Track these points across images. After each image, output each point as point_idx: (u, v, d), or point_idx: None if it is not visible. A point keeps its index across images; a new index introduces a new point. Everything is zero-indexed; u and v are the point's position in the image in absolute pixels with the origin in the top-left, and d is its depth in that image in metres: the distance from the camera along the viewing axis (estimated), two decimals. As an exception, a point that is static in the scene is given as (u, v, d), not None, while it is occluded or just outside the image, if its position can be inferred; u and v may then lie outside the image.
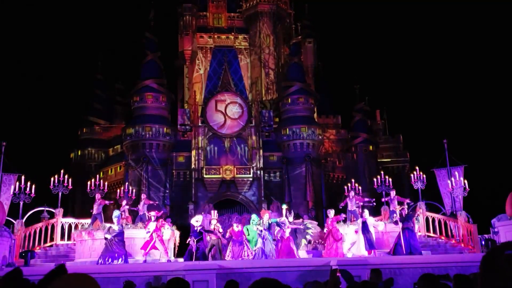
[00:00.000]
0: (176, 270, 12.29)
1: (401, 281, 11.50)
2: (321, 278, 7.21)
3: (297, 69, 42.33)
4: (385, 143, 47.94)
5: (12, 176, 21.78)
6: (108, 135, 45.86)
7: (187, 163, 38.28)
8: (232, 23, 47.06)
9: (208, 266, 12.75)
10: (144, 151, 37.44)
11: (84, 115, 46.90)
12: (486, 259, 1.68)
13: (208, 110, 39.00)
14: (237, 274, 11.69)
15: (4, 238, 16.43)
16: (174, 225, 20.42)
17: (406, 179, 35.05)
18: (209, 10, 47.05)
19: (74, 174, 35.45)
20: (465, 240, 21.13)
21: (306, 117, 40.51)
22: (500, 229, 17.89)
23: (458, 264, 12.58)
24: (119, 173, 41.44)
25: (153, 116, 38.33)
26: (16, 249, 18.46)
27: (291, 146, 39.46)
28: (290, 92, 41.01)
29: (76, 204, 39.37)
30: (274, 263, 14.05)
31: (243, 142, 38.82)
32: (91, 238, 18.05)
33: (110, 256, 15.80)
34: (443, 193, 25.78)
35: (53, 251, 20.93)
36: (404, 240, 16.49)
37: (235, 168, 37.66)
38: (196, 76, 45.56)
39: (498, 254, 1.63)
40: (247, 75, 45.78)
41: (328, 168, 42.44)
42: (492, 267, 1.62)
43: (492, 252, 1.67)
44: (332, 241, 17.68)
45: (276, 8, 46.43)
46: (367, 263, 12.36)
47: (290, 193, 37.76)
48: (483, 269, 1.65)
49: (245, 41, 46.79)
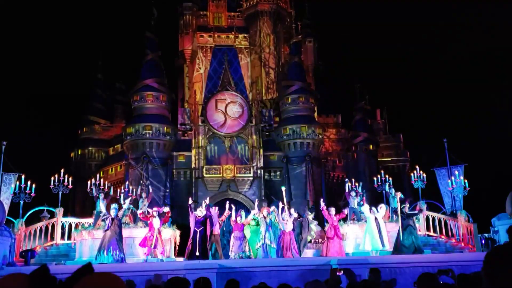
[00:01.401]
0: (177, 269, 12.31)
1: (401, 280, 11.49)
2: (322, 277, 7.21)
3: (297, 69, 42.31)
4: (386, 142, 47.96)
5: (12, 175, 21.80)
6: (109, 135, 45.88)
7: (188, 163, 38.28)
8: (232, 23, 47.08)
9: (209, 265, 12.76)
10: (144, 151, 37.43)
11: (84, 114, 46.90)
12: (491, 258, 1.67)
13: (208, 110, 38.99)
14: (237, 273, 11.70)
15: (4, 237, 16.43)
16: (174, 224, 20.44)
17: (407, 178, 35.05)
18: (209, 9, 47.07)
19: (74, 173, 35.56)
20: (465, 239, 21.16)
21: (307, 117, 40.50)
22: (500, 228, 17.89)
23: (459, 263, 12.59)
24: (119, 172, 41.46)
25: (153, 115, 38.32)
26: (17, 249, 18.48)
27: (291, 145, 39.46)
28: (290, 92, 40.99)
29: (76, 203, 39.42)
30: (275, 263, 14.06)
31: (243, 141, 38.82)
32: (91, 237, 18.06)
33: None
34: (443, 192, 25.81)
35: (53, 250, 20.95)
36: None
37: (235, 168, 37.66)
38: (197, 76, 45.57)
39: (503, 253, 1.62)
40: (247, 74, 45.78)
41: (329, 168, 42.46)
42: (496, 266, 1.61)
43: (495, 251, 1.67)
44: (336, 239, 17.65)
45: (276, 7, 46.44)
46: (368, 262, 12.37)
47: (291, 192, 37.71)
48: (487, 268, 1.64)
49: (245, 40, 46.79)
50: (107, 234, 15.91)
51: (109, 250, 15.62)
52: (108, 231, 15.89)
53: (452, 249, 20.50)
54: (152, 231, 16.66)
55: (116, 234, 15.91)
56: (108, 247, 15.65)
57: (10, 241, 16.95)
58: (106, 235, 15.90)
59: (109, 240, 15.76)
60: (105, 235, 15.98)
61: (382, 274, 10.67)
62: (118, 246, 15.76)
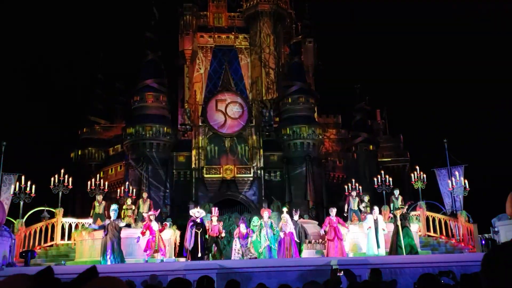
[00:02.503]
0: (177, 269, 12.30)
1: (402, 280, 11.49)
2: (322, 278, 7.21)
3: (297, 69, 42.31)
4: (386, 142, 47.94)
5: (12, 175, 21.80)
6: (109, 135, 45.88)
7: (188, 163, 38.28)
8: (232, 23, 47.10)
9: (209, 265, 12.76)
10: (144, 151, 37.43)
11: (84, 114, 46.89)
12: (489, 258, 1.67)
13: (208, 110, 38.98)
14: (238, 274, 11.70)
15: (4, 237, 16.42)
16: (175, 224, 20.43)
17: (407, 179, 35.03)
18: (209, 9, 47.10)
19: (74, 173, 35.45)
20: (466, 239, 21.15)
21: (307, 117, 40.50)
22: (500, 229, 17.88)
23: (459, 264, 12.58)
24: (119, 172, 41.44)
25: (153, 115, 38.31)
26: (16, 249, 18.45)
27: (291, 145, 39.47)
28: (290, 92, 41.00)
29: (77, 204, 39.37)
30: (275, 263, 14.05)
31: (243, 141, 38.81)
32: (91, 238, 18.05)
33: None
34: (443, 192, 25.82)
35: (53, 251, 20.94)
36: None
37: (235, 168, 37.66)
38: (197, 76, 45.58)
39: (500, 253, 1.62)
40: (248, 74, 45.79)
41: (329, 168, 42.46)
42: (494, 266, 1.61)
43: (494, 251, 1.67)
44: (337, 240, 17.66)
45: (276, 8, 46.46)
46: (368, 263, 12.36)
47: (291, 192, 37.75)
48: (485, 269, 1.64)
49: (245, 40, 46.81)
50: (106, 238, 16.10)
51: (105, 254, 15.82)
52: (107, 235, 16.05)
53: (452, 250, 20.50)
54: (154, 234, 16.68)
55: (115, 237, 16.02)
56: (105, 252, 15.87)
57: (10, 241, 16.94)
58: (106, 239, 16.09)
59: (105, 244, 15.98)
60: (105, 239, 16.14)
61: (382, 275, 10.67)
62: (114, 249, 15.92)
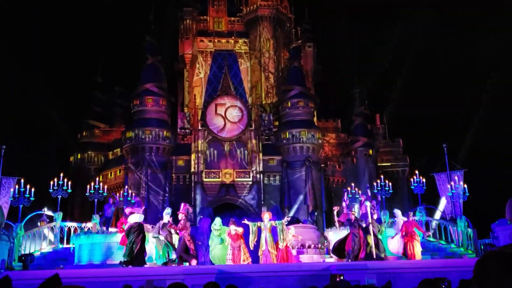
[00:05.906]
0: (175, 274, 12.27)
1: (400, 285, 11.47)
2: (321, 283, 7.19)
3: (297, 73, 42.39)
4: (385, 147, 47.91)
5: (11, 179, 21.78)
6: (108, 139, 45.86)
7: (187, 167, 38.28)
8: (232, 27, 47.22)
9: (207, 270, 12.73)
10: (143, 155, 37.43)
11: (84, 118, 46.91)
12: (479, 263, 1.67)
13: (208, 114, 39.01)
14: (236, 279, 11.66)
15: (3, 241, 16.40)
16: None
17: (406, 183, 35.03)
18: (209, 14, 47.22)
19: (73, 177, 35.45)
20: (465, 244, 21.11)
21: (306, 121, 40.54)
22: (500, 234, 17.86)
23: (458, 269, 12.54)
24: (118, 176, 41.40)
25: (153, 119, 38.35)
26: (15, 253, 18.42)
27: (290, 149, 39.47)
28: (290, 96, 41.06)
29: (76, 207, 39.33)
30: (274, 268, 14.02)
31: (242, 145, 38.83)
32: (90, 242, 18.00)
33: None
34: (442, 197, 25.79)
35: (52, 254, 20.88)
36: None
37: (234, 172, 37.66)
38: (196, 80, 45.65)
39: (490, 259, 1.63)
40: (247, 79, 45.88)
41: (328, 172, 42.43)
42: (484, 272, 1.62)
43: (485, 258, 1.67)
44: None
45: (276, 13, 46.60)
46: (367, 268, 12.35)
47: (290, 197, 37.74)
48: (476, 274, 1.65)
49: (245, 45, 46.93)
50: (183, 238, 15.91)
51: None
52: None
53: (451, 255, 20.45)
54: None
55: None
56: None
57: (9, 245, 16.92)
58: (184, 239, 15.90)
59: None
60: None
61: (380, 279, 10.65)
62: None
